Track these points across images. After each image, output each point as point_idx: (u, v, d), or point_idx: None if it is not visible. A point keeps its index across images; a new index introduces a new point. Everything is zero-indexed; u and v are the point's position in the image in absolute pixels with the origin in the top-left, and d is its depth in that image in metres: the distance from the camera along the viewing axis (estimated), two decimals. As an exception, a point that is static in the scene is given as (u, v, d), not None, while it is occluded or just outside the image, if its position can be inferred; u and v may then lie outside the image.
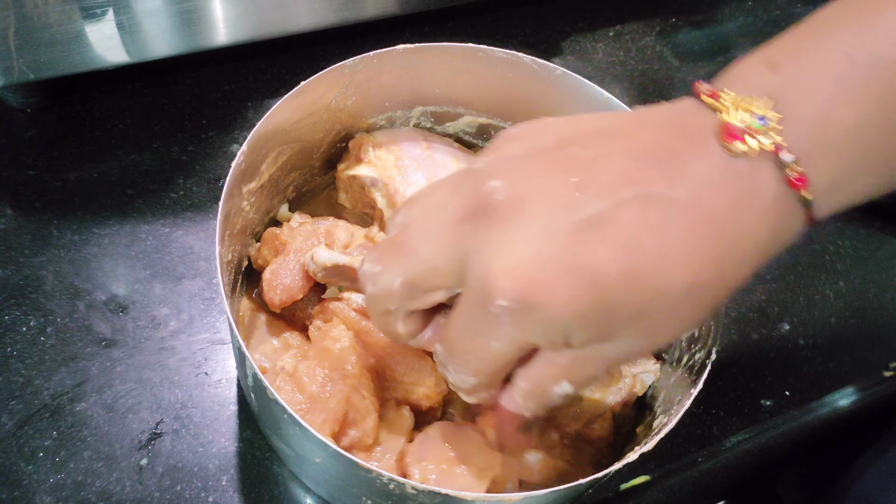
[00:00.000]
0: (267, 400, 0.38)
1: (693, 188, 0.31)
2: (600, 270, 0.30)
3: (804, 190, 0.31)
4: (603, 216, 0.31)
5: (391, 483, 0.36)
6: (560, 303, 0.31)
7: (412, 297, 0.35)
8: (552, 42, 0.73)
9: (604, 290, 0.30)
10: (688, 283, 0.31)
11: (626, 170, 0.32)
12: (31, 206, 0.56)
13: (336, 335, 0.45)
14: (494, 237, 0.32)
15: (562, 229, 0.31)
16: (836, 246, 0.65)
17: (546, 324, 0.31)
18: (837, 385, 0.57)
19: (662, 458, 0.51)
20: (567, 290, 0.30)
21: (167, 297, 0.54)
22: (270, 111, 0.45)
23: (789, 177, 0.31)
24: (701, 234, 0.31)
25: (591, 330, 0.32)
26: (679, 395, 0.43)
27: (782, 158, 0.30)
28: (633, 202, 0.31)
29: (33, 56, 0.54)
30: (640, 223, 0.31)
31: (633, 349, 0.33)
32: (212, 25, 0.59)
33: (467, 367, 0.35)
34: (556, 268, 0.30)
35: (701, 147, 0.32)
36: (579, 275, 0.30)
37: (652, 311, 0.31)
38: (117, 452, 0.48)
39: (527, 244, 0.31)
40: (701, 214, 0.31)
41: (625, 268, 0.30)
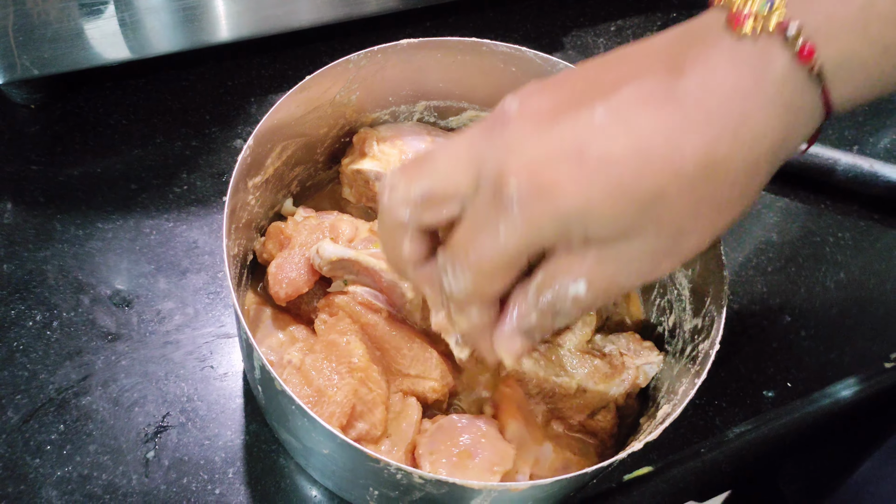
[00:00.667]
0: (274, 392, 0.38)
1: (697, 73, 0.31)
2: (608, 154, 0.31)
3: (813, 62, 0.30)
4: (608, 108, 0.31)
5: (398, 473, 0.36)
6: (572, 190, 0.31)
7: (427, 207, 0.35)
8: (554, 37, 0.73)
9: (614, 171, 0.31)
10: (700, 157, 0.31)
11: (634, 68, 0.32)
12: (35, 201, 0.57)
13: (342, 328, 0.45)
14: (507, 139, 0.32)
15: (570, 125, 0.31)
16: (836, 238, 0.65)
17: (558, 213, 0.31)
18: (839, 376, 0.57)
19: (665, 448, 0.52)
20: (577, 174, 0.31)
21: (172, 291, 0.54)
22: (275, 106, 0.45)
23: (796, 50, 0.30)
24: (708, 111, 0.31)
25: (608, 216, 0.31)
26: (682, 386, 0.43)
27: (787, 33, 0.30)
28: (636, 91, 0.31)
29: (37, 52, 0.55)
30: (645, 109, 0.31)
31: (658, 249, 0.33)
32: (214, 21, 0.60)
33: (470, 267, 0.34)
34: (566, 156, 0.31)
35: (709, 39, 0.32)
36: (589, 161, 0.31)
37: (668, 191, 0.31)
38: (123, 446, 0.48)
39: (538, 141, 0.32)
40: (706, 93, 0.31)
41: (634, 149, 0.30)
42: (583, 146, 0.31)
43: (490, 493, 0.37)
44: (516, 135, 0.32)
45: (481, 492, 0.36)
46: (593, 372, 0.47)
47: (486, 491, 0.37)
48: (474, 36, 0.50)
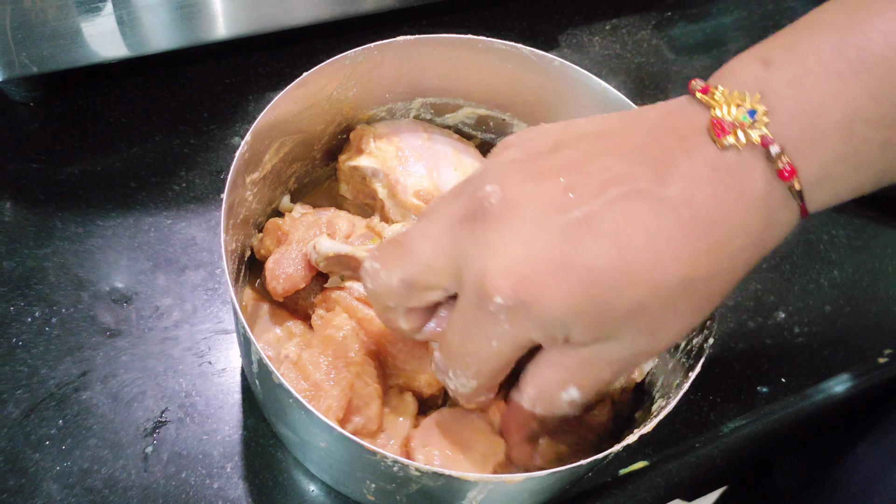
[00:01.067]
0: (272, 386, 0.39)
1: (682, 183, 0.32)
2: (593, 265, 0.31)
3: (794, 181, 0.31)
4: (593, 214, 0.32)
5: (395, 465, 0.36)
6: (555, 298, 0.31)
7: (410, 296, 0.36)
8: (549, 35, 0.74)
9: (597, 284, 0.31)
10: (681, 275, 0.32)
11: (616, 168, 0.32)
12: (35, 198, 0.57)
13: (338, 323, 0.46)
14: (489, 239, 0.33)
15: (554, 229, 0.32)
16: (831, 235, 0.66)
17: (543, 320, 0.32)
18: (832, 372, 0.58)
19: (661, 443, 0.52)
20: (561, 285, 0.31)
21: (170, 287, 0.54)
22: (273, 102, 0.45)
23: (778, 168, 0.31)
24: (691, 227, 0.31)
25: (589, 325, 0.32)
26: (677, 380, 0.43)
27: (771, 151, 0.31)
28: (623, 199, 0.32)
29: (36, 50, 0.55)
30: (629, 219, 0.31)
31: (637, 349, 0.34)
32: (212, 19, 0.60)
33: (467, 369, 0.36)
34: (550, 265, 0.31)
35: (691, 143, 0.32)
36: (572, 270, 0.31)
37: (649, 305, 0.32)
38: (123, 440, 0.48)
39: (521, 244, 0.32)
40: (690, 208, 0.31)
41: (617, 262, 0.31)
42: (568, 256, 0.31)
43: (486, 485, 0.37)
44: (498, 237, 0.32)
45: (477, 484, 0.37)
46: (588, 367, 0.47)
47: (482, 483, 0.37)
48: (470, 34, 0.50)
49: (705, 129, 0.32)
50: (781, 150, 0.31)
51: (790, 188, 0.32)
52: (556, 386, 0.35)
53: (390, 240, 0.37)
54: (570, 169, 0.33)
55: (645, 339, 0.34)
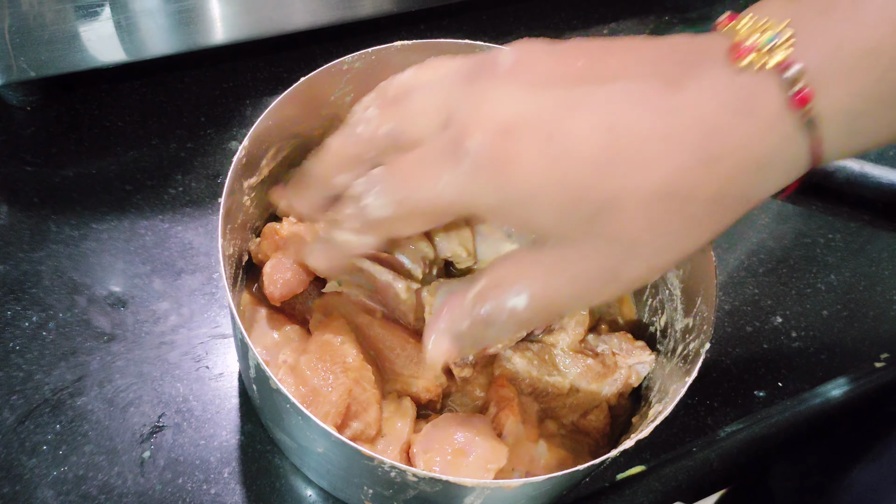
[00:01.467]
0: (269, 391, 0.38)
1: (690, 91, 0.30)
2: (577, 145, 0.30)
3: (808, 107, 0.29)
4: (596, 97, 0.30)
5: (393, 471, 0.36)
6: (526, 165, 0.30)
7: (389, 150, 0.35)
8: (548, 39, 0.74)
9: (576, 165, 0.30)
10: (664, 179, 0.30)
11: (631, 65, 0.31)
12: (30, 202, 0.57)
13: (336, 328, 0.46)
14: (486, 91, 0.32)
15: (553, 98, 0.31)
16: (827, 239, 0.66)
17: (505, 188, 0.31)
18: (829, 376, 0.58)
19: (658, 447, 0.52)
20: (538, 154, 0.30)
21: (167, 291, 0.54)
22: (270, 107, 0.45)
23: (792, 94, 0.29)
24: (689, 133, 0.30)
25: (554, 212, 0.31)
26: (674, 385, 0.43)
27: (786, 76, 0.29)
28: (629, 92, 0.30)
29: (34, 54, 0.55)
30: (629, 112, 0.30)
31: (597, 264, 0.32)
32: (209, 24, 0.60)
33: (398, 191, 0.33)
34: (535, 131, 0.30)
35: (709, 60, 0.31)
36: (555, 143, 0.30)
37: (622, 203, 0.30)
38: (119, 446, 0.48)
39: (515, 102, 0.31)
40: (692, 115, 0.30)
41: (603, 150, 0.30)
42: (555, 126, 0.30)
43: (483, 490, 0.37)
44: (496, 90, 0.31)
45: (474, 489, 0.37)
46: (586, 371, 0.47)
47: (480, 488, 0.37)
48: (468, 38, 0.50)
49: (724, 53, 0.30)
50: (799, 74, 0.29)
51: (802, 117, 0.30)
52: (508, 281, 0.33)
53: (394, 89, 0.36)
54: (588, 55, 0.32)
55: (612, 259, 0.31)
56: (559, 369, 0.48)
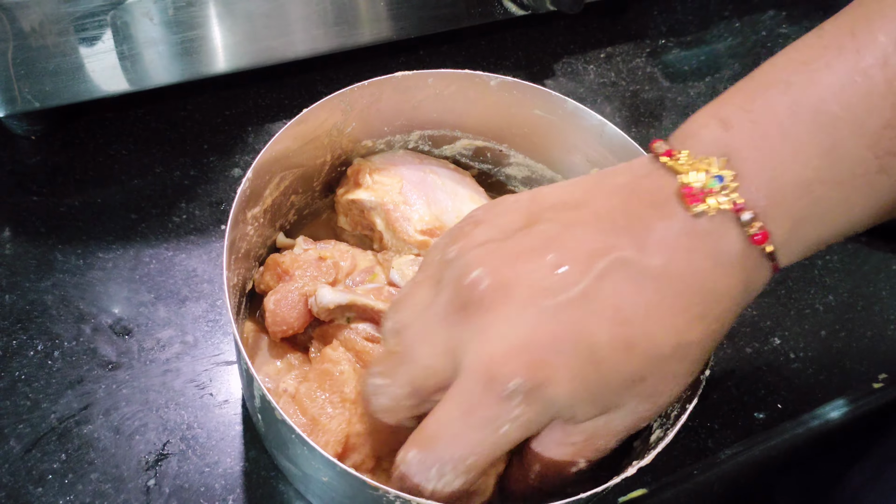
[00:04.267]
0: (274, 420, 0.39)
1: (663, 253, 0.33)
2: (595, 343, 0.32)
3: (767, 244, 0.32)
4: (587, 292, 0.32)
5: (397, 501, 0.37)
6: (564, 379, 0.32)
7: (421, 403, 0.36)
8: (545, 64, 0.75)
9: (602, 361, 0.32)
10: (676, 343, 0.33)
11: (596, 240, 0.33)
12: (36, 231, 0.57)
13: (335, 358, 0.46)
14: (487, 325, 0.33)
15: (552, 309, 0.32)
16: (825, 261, 0.66)
17: (556, 402, 0.33)
18: (828, 397, 0.58)
19: (659, 471, 0.52)
20: (568, 365, 0.32)
21: (171, 319, 0.55)
22: (273, 138, 0.46)
23: (751, 234, 0.32)
24: (679, 297, 0.33)
25: (596, 402, 0.34)
26: (675, 410, 0.44)
27: (742, 218, 0.32)
28: (611, 272, 0.32)
29: (38, 85, 0.56)
30: (621, 293, 0.32)
31: (638, 415, 0.35)
32: (211, 53, 0.61)
33: (461, 463, 0.34)
34: (559, 346, 0.32)
35: (664, 209, 0.33)
36: (577, 350, 0.32)
37: (648, 374, 0.33)
38: (125, 474, 0.48)
39: (522, 327, 0.32)
40: (676, 278, 0.33)
41: (617, 338, 0.32)
42: (570, 336, 0.32)
43: (486, 518, 0.38)
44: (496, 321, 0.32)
45: (478, 517, 0.37)
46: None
47: (483, 516, 0.37)
48: (467, 64, 0.51)
49: (675, 194, 0.33)
50: (754, 216, 0.32)
51: (763, 251, 0.33)
52: (564, 463, 0.36)
53: (385, 352, 0.37)
54: (550, 244, 0.34)
55: (646, 406, 0.35)
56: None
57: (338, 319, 0.48)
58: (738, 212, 0.32)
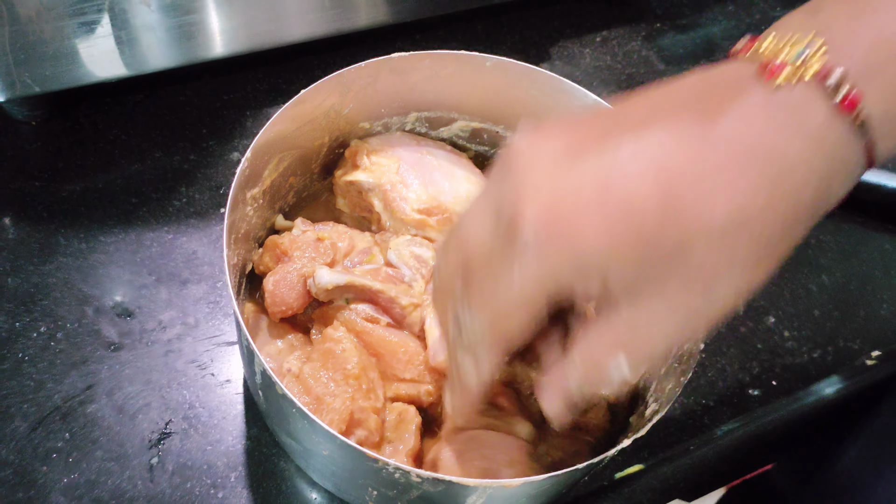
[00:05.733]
0: (275, 396, 0.40)
1: (732, 121, 0.29)
2: (634, 197, 0.29)
3: (858, 112, 0.29)
4: (636, 148, 0.29)
5: (397, 472, 0.38)
6: (591, 232, 0.29)
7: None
8: (541, 47, 0.75)
9: (638, 217, 0.29)
10: (732, 210, 0.29)
11: (662, 109, 0.30)
12: (39, 216, 0.58)
13: (338, 337, 0.47)
14: (522, 175, 0.31)
15: (591, 160, 0.30)
16: (819, 241, 0.67)
17: (577, 257, 0.30)
18: (822, 374, 0.59)
19: (656, 446, 0.53)
20: (599, 217, 0.29)
21: (173, 301, 0.55)
22: (271, 120, 0.46)
23: (838, 100, 0.28)
24: (743, 161, 0.29)
25: (629, 265, 0.30)
26: (670, 385, 0.45)
27: (828, 83, 0.28)
28: (667, 134, 0.29)
29: (38, 70, 0.56)
30: (674, 152, 0.29)
31: (689, 309, 0.31)
32: (208, 38, 0.61)
33: (483, 309, 0.33)
34: (587, 195, 0.29)
35: (740, 89, 0.30)
36: (612, 202, 0.29)
37: (696, 243, 0.29)
38: (128, 452, 0.49)
39: (556, 176, 0.30)
40: (741, 143, 0.29)
41: (659, 196, 0.28)
42: (606, 184, 0.29)
43: (485, 490, 0.38)
44: (530, 171, 0.31)
45: (476, 489, 0.38)
46: (583, 372, 0.49)
47: (482, 488, 0.38)
48: (463, 47, 0.52)
49: (754, 76, 0.29)
50: (842, 79, 0.28)
51: (854, 121, 0.29)
52: (606, 354, 0.32)
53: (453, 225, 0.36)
54: (608, 117, 0.31)
55: (695, 296, 0.30)
56: (557, 371, 0.49)
57: (337, 300, 0.49)
58: (823, 78, 0.28)
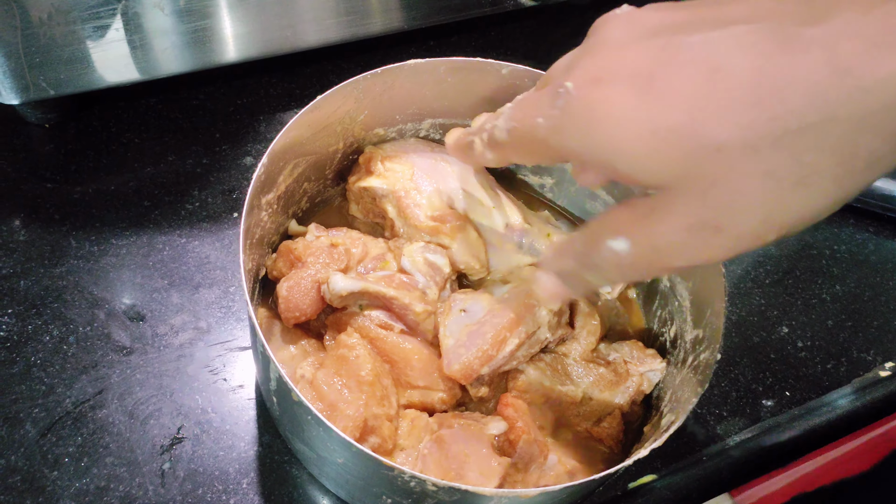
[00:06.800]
0: (290, 403, 0.39)
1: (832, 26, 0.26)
2: (675, 86, 0.28)
3: None
4: (705, 41, 0.28)
5: (412, 480, 0.37)
6: (618, 112, 0.29)
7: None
8: (554, 55, 0.74)
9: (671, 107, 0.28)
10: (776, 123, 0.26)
11: (751, 12, 0.28)
12: (50, 218, 0.58)
13: (351, 343, 0.46)
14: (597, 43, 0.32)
15: (657, 45, 0.29)
16: (833, 251, 0.67)
17: (593, 131, 0.30)
18: (835, 385, 0.59)
19: (669, 456, 0.53)
20: (633, 100, 0.29)
21: (184, 305, 0.55)
22: (288, 125, 0.46)
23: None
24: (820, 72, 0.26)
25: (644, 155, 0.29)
26: (686, 394, 0.44)
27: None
28: (743, 36, 0.28)
29: (53, 73, 0.56)
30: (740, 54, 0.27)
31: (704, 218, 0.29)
32: (222, 43, 0.61)
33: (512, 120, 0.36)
34: (633, 76, 0.29)
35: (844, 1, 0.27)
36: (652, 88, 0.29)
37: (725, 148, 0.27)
38: (139, 458, 0.49)
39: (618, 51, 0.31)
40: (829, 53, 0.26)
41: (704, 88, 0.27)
42: (654, 70, 0.28)
43: (501, 500, 0.38)
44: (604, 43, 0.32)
45: (492, 498, 0.38)
46: (598, 380, 0.48)
47: (497, 497, 0.38)
48: (477, 54, 0.52)
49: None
50: None
51: None
52: (609, 228, 0.33)
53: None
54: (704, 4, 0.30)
55: (714, 206, 0.28)
56: (572, 379, 0.49)
57: (350, 306, 0.49)
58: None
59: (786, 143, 0.26)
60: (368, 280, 0.48)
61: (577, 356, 0.49)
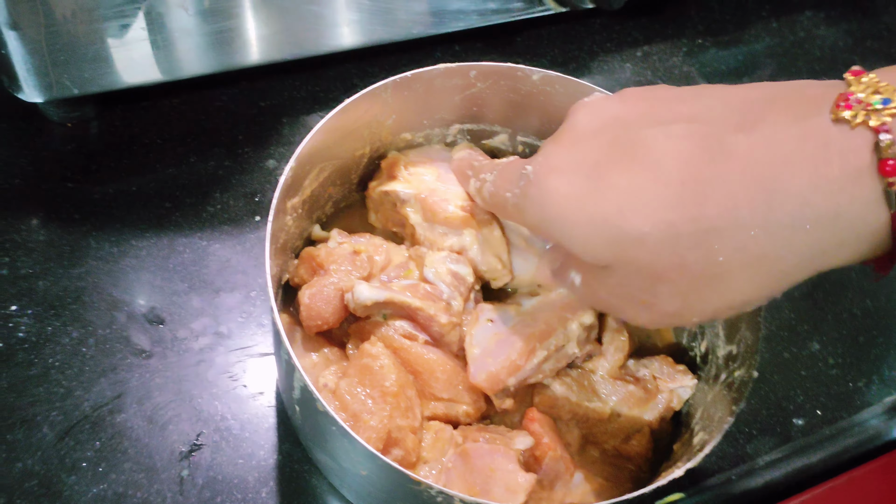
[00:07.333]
0: (314, 412, 0.38)
1: (759, 137, 0.29)
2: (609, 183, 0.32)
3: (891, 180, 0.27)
4: (645, 138, 0.32)
5: (440, 496, 0.36)
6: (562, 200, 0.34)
7: None
8: (581, 62, 0.74)
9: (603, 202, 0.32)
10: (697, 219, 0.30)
11: (703, 107, 0.32)
12: (70, 218, 0.57)
13: (375, 353, 0.45)
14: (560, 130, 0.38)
15: (607, 132, 0.34)
16: (862, 265, 0.65)
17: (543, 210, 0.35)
18: (867, 404, 0.57)
19: (697, 475, 0.51)
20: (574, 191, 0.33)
21: (205, 309, 0.54)
22: (315, 129, 0.45)
23: (883, 158, 0.27)
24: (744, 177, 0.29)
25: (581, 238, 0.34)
26: (719, 412, 0.43)
27: (880, 139, 0.27)
28: (680, 137, 0.31)
29: (77, 72, 0.55)
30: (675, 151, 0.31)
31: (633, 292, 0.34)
32: (246, 45, 0.60)
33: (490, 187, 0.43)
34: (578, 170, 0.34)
35: (804, 108, 0.29)
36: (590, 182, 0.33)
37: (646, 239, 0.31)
38: (158, 464, 0.48)
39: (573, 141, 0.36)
40: (749, 161, 0.29)
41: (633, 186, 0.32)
42: (602, 163, 0.33)
43: (530, 517, 0.37)
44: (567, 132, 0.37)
45: (521, 517, 0.37)
46: (627, 397, 0.47)
47: (526, 516, 0.37)
48: (503, 60, 0.51)
49: (831, 100, 0.29)
50: (890, 143, 0.27)
51: (886, 187, 0.28)
52: (566, 266, 0.39)
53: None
54: (657, 99, 0.34)
55: (642, 291, 0.33)
56: (599, 395, 0.47)
57: (374, 316, 0.48)
58: (879, 132, 0.28)
59: (701, 242, 0.30)
60: (393, 290, 0.47)
61: (604, 373, 0.48)
